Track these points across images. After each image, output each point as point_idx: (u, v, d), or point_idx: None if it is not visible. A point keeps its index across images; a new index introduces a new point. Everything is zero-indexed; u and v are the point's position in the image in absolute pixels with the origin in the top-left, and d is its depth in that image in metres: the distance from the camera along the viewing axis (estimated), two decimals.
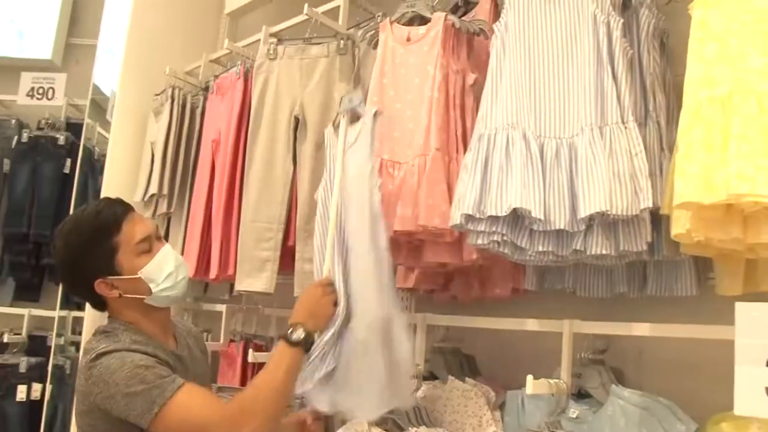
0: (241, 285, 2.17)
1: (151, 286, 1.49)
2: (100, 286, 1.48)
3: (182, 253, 2.48)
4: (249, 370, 2.43)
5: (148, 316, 1.53)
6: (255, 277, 2.13)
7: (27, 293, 3.60)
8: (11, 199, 3.52)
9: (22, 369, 3.18)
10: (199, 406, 1.36)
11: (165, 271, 1.50)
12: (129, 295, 1.49)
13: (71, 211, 3.07)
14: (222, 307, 2.54)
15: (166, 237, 2.62)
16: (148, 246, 1.49)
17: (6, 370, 3.18)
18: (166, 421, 1.33)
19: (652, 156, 1.48)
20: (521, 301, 1.91)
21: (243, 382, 2.41)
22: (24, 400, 3.15)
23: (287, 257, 2.16)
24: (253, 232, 2.16)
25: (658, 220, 1.44)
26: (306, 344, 1.48)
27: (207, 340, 2.64)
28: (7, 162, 3.58)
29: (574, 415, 1.58)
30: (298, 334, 1.47)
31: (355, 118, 1.74)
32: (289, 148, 2.14)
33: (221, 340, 2.51)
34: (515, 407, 1.69)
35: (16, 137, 3.59)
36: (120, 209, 1.51)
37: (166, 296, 1.52)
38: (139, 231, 1.49)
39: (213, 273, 2.30)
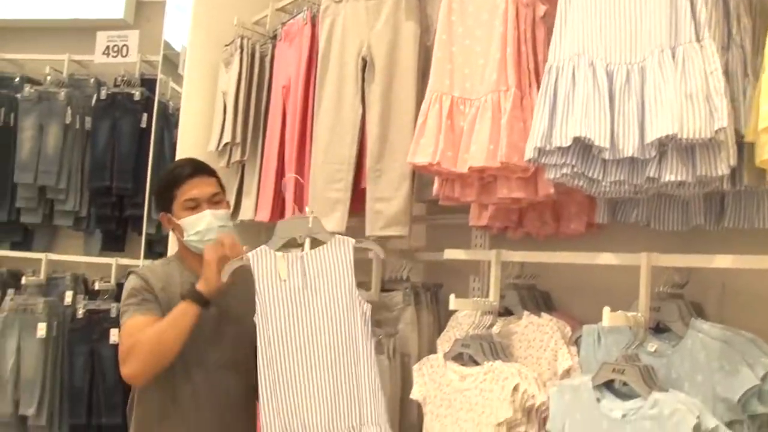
0: None
1: (184, 234, 1.90)
2: (162, 218, 1.98)
3: (257, 199, 2.55)
4: None
5: (192, 253, 1.92)
6: (326, 217, 2.16)
7: (113, 244, 3.78)
8: (94, 155, 3.66)
9: (113, 314, 3.34)
10: (131, 334, 1.77)
11: (195, 228, 1.88)
12: (176, 233, 1.95)
13: (149, 165, 3.22)
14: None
15: (241, 184, 2.69)
16: (193, 205, 1.89)
17: (99, 315, 3.36)
18: (121, 332, 1.83)
19: (736, 82, 1.41)
20: (595, 236, 1.89)
21: None
22: (116, 342, 3.33)
23: (359, 200, 2.19)
24: (324, 173, 2.20)
25: (740, 148, 1.38)
26: (193, 296, 1.76)
27: None
28: (88, 120, 3.73)
29: (652, 349, 1.56)
30: (185, 289, 1.79)
31: (315, 243, 1.82)
32: (357, 89, 2.15)
33: None
34: (591, 342, 1.67)
35: (95, 95, 3.72)
36: (188, 171, 1.92)
37: (193, 246, 1.90)
38: (191, 193, 1.89)
39: (288, 216, 2.36)
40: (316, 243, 1.84)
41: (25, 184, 3.64)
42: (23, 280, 3.56)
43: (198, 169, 1.95)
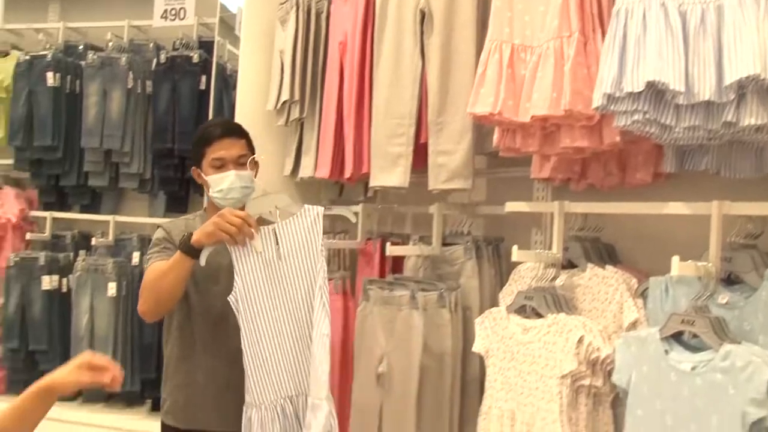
0: (376, 181, 2.23)
1: (210, 190, 2.00)
2: (193, 172, 2.07)
3: (316, 156, 2.57)
4: (386, 265, 2.51)
5: (216, 208, 1.97)
6: (389, 173, 2.17)
7: (176, 205, 3.85)
8: (155, 118, 3.72)
9: None
10: (147, 276, 1.92)
11: (218, 186, 1.97)
12: (204, 187, 2.04)
13: None
14: (357, 208, 2.62)
15: (300, 142, 2.71)
16: (219, 164, 1.98)
17: None
18: (145, 275, 1.95)
19: None
20: (660, 186, 1.83)
21: (381, 276, 2.48)
22: None
23: (420, 156, 2.18)
24: (385, 128, 2.20)
25: None
26: (184, 247, 1.82)
27: (344, 239, 2.76)
28: (149, 84, 3.79)
29: (723, 301, 1.51)
30: (182, 238, 1.85)
31: (285, 216, 1.86)
32: (416, 42, 2.13)
33: (358, 239, 2.60)
34: (659, 294, 1.63)
35: (155, 60, 3.78)
36: (219, 132, 2.00)
37: (216, 201, 1.99)
38: (218, 153, 1.97)
39: (348, 172, 2.37)
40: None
41: (91, 148, 3.74)
42: (93, 242, 3.70)
43: (228, 130, 2.03)
